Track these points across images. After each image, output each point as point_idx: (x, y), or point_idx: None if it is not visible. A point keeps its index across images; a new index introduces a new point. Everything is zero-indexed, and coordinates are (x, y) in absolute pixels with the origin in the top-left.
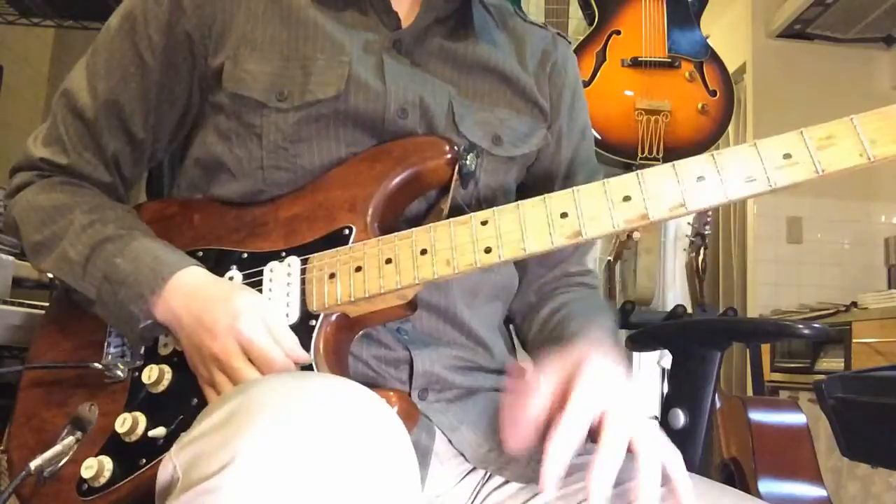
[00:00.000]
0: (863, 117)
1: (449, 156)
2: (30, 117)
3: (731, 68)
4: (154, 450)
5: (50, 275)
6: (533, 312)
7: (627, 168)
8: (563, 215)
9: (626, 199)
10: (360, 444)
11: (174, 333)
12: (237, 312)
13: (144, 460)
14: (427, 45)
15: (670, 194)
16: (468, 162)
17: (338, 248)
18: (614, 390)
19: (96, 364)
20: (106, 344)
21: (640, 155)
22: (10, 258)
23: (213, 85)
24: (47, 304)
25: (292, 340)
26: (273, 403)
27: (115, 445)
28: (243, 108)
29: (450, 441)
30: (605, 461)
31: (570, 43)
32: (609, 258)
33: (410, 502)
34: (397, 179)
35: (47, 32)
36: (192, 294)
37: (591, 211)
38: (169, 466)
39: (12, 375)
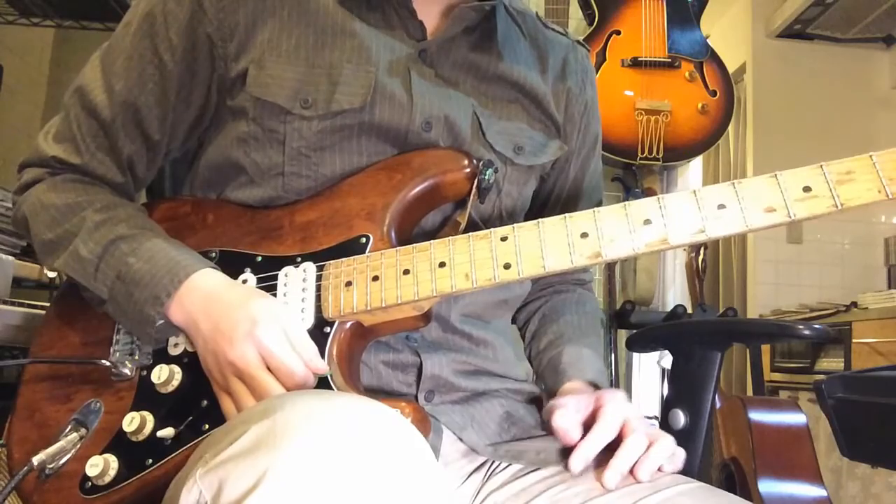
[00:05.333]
0: (882, 155)
1: (468, 169)
2: (30, 117)
3: (731, 68)
4: (161, 450)
5: (51, 274)
6: (528, 310)
7: (627, 168)
8: (584, 235)
9: (647, 222)
10: (390, 468)
11: (189, 336)
12: (256, 319)
13: (151, 460)
14: (452, 57)
15: (691, 221)
16: (487, 177)
17: (355, 257)
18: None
19: (104, 361)
20: (114, 341)
21: (640, 155)
22: (11, 258)
23: (233, 89)
24: (47, 303)
25: (312, 350)
26: (301, 427)
27: (121, 444)
28: (266, 114)
29: (459, 439)
30: (599, 431)
31: (588, 51)
32: None
33: None
34: (416, 190)
35: (47, 32)
36: (209, 297)
37: (612, 233)
38: (195, 490)
39: (13, 374)
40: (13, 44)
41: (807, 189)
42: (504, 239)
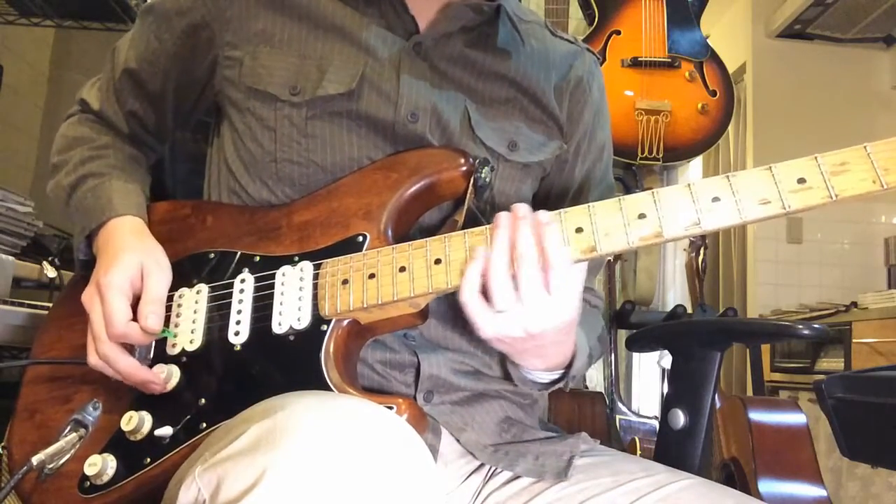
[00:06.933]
0: (876, 145)
1: (464, 168)
2: (30, 117)
3: (731, 68)
4: (159, 449)
5: (51, 273)
6: None
7: (627, 168)
8: (579, 230)
9: (642, 216)
10: (387, 469)
11: None
12: (114, 266)
13: (149, 459)
14: (447, 51)
15: (686, 213)
16: (483, 175)
17: (351, 255)
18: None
19: None
20: None
21: (640, 155)
22: (11, 258)
23: (230, 77)
24: (47, 303)
25: (152, 310)
26: (300, 428)
27: (119, 443)
28: (258, 102)
29: (457, 440)
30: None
31: (598, 59)
32: (609, 258)
33: None
34: (412, 189)
35: (47, 32)
36: (111, 240)
37: (607, 227)
38: (193, 488)
39: (14, 373)
40: (13, 44)
41: (801, 180)
42: None
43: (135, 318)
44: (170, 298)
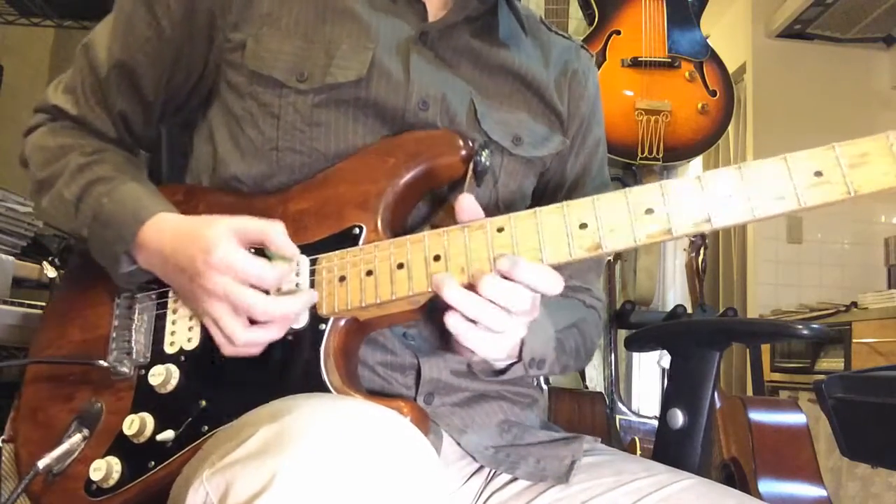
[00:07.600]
0: None
1: (464, 151)
2: (30, 117)
3: (731, 68)
4: (163, 452)
5: (51, 273)
6: None
7: (627, 168)
8: (583, 226)
9: (649, 211)
10: (395, 471)
11: (159, 277)
12: (209, 247)
13: (153, 462)
14: (453, 41)
15: (695, 208)
16: (483, 158)
17: (348, 249)
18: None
19: (103, 362)
20: (111, 339)
21: (640, 155)
22: (10, 258)
23: (231, 61)
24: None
25: (284, 240)
26: (308, 432)
27: (122, 447)
28: (261, 88)
29: (458, 443)
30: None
31: (592, 56)
32: (609, 258)
33: None
34: (409, 175)
35: (47, 32)
36: (166, 233)
37: (612, 223)
38: (201, 491)
39: (13, 373)
40: (13, 44)
41: (818, 174)
42: (500, 230)
43: None
44: (165, 294)
